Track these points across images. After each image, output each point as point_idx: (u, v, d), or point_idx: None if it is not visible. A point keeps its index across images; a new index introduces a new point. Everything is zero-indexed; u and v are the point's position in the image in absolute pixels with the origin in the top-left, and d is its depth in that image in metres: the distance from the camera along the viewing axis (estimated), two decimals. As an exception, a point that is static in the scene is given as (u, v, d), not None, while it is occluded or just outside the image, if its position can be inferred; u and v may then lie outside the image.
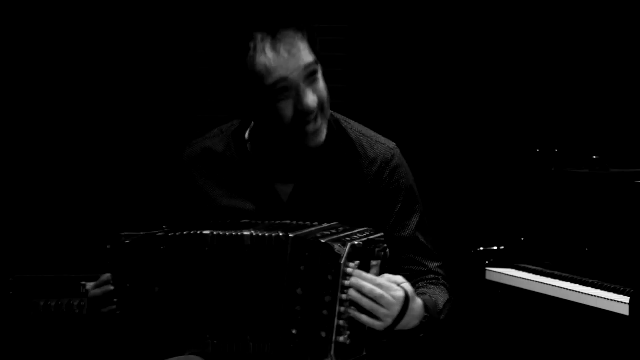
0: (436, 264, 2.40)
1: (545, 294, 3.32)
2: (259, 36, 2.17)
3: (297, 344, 1.99)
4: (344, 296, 1.98)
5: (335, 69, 4.37)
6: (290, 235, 2.00)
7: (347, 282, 1.98)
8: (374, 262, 2.05)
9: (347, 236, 2.03)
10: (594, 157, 3.58)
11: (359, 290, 1.99)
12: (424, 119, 4.39)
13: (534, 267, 3.50)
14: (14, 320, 3.56)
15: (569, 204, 3.53)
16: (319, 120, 2.23)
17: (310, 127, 2.22)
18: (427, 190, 4.27)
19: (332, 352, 1.98)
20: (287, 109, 2.20)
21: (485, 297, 3.58)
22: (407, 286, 2.10)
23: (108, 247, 2.14)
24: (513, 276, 3.48)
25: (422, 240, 2.40)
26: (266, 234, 2.03)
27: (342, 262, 1.96)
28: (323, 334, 1.97)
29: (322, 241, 1.97)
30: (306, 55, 2.18)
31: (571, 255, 3.44)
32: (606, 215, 3.35)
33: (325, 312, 1.97)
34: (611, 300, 3.04)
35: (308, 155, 2.30)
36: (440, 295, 2.31)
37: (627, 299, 2.98)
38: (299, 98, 2.19)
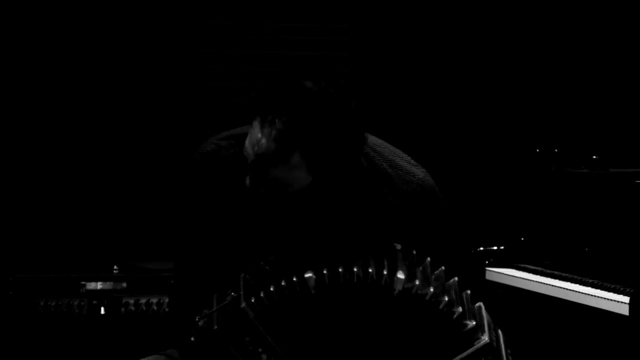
0: None
1: (545, 294, 3.32)
2: (260, 123, 2.01)
3: None
4: None
5: (336, 68, 4.37)
6: (486, 339, 1.92)
7: None
8: None
9: (506, 350, 2.01)
10: (594, 157, 3.58)
11: None
12: (425, 119, 4.39)
13: (534, 267, 3.50)
14: (14, 320, 3.55)
15: (568, 204, 3.53)
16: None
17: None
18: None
19: None
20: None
21: (485, 297, 3.57)
22: None
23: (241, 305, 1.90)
24: (513, 276, 3.48)
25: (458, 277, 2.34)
26: (461, 314, 1.93)
27: None
28: None
29: None
30: (285, 176, 2.01)
31: (571, 255, 3.44)
32: (606, 215, 3.34)
33: None
34: (611, 300, 3.04)
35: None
36: None
37: (627, 299, 2.98)
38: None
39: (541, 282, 3.35)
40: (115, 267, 3.71)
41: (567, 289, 3.24)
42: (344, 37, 4.39)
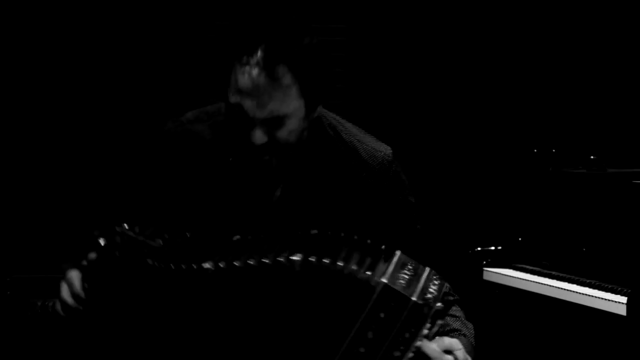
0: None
1: (543, 294, 3.33)
2: (244, 58, 2.05)
3: None
4: (410, 355, 1.95)
5: (334, 69, 4.37)
6: (383, 281, 1.94)
7: (419, 343, 1.95)
8: (440, 322, 2.03)
9: (425, 286, 1.99)
10: (592, 157, 3.59)
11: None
12: (422, 119, 4.39)
13: (531, 267, 3.50)
14: (11, 320, 3.56)
15: (566, 204, 3.53)
16: (267, 157, 2.12)
17: (254, 155, 2.11)
18: (425, 191, 4.29)
19: None
20: (236, 128, 2.12)
21: (482, 297, 3.58)
22: (460, 354, 2.08)
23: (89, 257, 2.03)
24: (511, 276, 3.48)
25: (425, 246, 2.38)
26: (354, 270, 1.92)
27: (424, 323, 1.94)
28: None
29: (413, 299, 1.93)
30: (279, 105, 2.06)
31: (569, 255, 3.44)
32: (604, 215, 3.35)
33: None
34: (608, 300, 3.05)
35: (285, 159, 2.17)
36: (468, 331, 2.30)
37: (624, 299, 2.98)
38: (248, 133, 2.09)
39: (539, 282, 3.35)
40: (112, 267, 3.70)
41: (564, 289, 3.24)
42: (340, 37, 4.40)
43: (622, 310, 2.98)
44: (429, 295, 1.94)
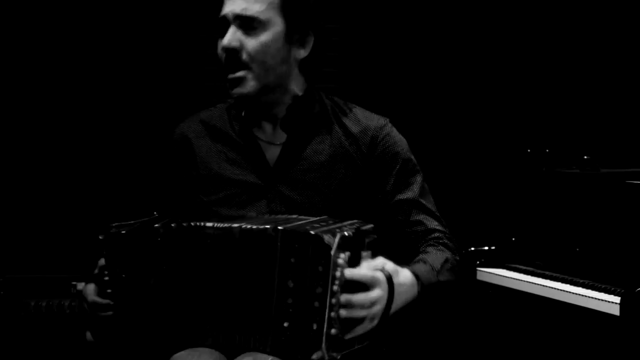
0: (436, 223, 2.42)
1: (536, 294, 3.32)
2: None
3: (288, 336, 1.96)
4: (335, 287, 1.95)
5: (327, 69, 4.36)
6: (280, 228, 1.98)
7: (338, 273, 1.95)
8: (364, 253, 2.03)
9: (337, 227, 2.01)
10: (585, 157, 3.58)
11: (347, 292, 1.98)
12: (416, 119, 4.39)
13: (524, 267, 3.50)
14: (4, 321, 3.55)
15: (559, 204, 3.53)
16: (242, 72, 2.30)
17: (230, 75, 2.31)
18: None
19: (324, 345, 1.94)
20: (219, 46, 2.34)
21: (476, 298, 3.58)
22: (389, 266, 2.10)
23: (101, 237, 2.18)
24: (504, 276, 3.48)
25: (424, 202, 2.43)
26: (254, 227, 2.01)
27: (332, 252, 1.94)
28: (314, 326, 1.94)
29: (312, 232, 1.95)
30: (253, 6, 2.28)
31: (562, 255, 3.44)
32: (597, 215, 3.35)
33: (316, 303, 1.95)
34: (602, 300, 3.04)
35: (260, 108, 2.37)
36: (436, 256, 2.31)
37: (617, 299, 2.98)
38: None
39: (532, 282, 3.35)
40: (106, 267, 3.69)
41: (558, 289, 3.23)
42: (334, 37, 4.39)
43: (615, 311, 2.97)
44: (334, 228, 1.97)
